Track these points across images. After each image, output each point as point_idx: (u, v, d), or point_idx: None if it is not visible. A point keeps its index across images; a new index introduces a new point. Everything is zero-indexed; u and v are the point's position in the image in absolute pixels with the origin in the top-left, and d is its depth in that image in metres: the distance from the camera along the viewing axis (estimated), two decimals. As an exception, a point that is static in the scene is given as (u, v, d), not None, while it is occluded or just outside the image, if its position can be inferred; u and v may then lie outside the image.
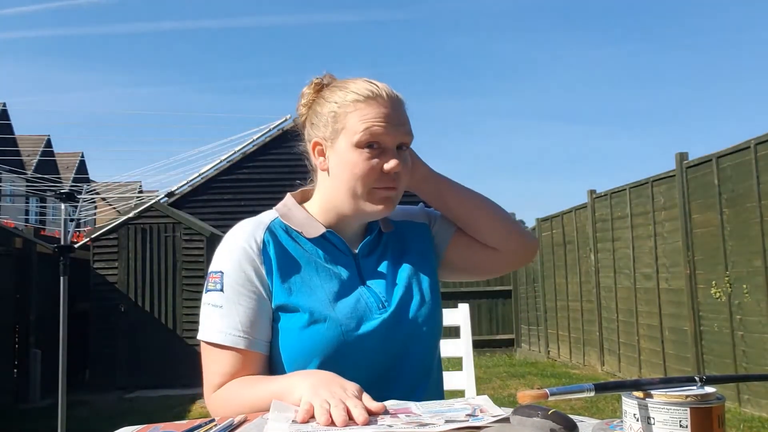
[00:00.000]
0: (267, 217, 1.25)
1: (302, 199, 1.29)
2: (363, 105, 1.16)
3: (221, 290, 1.15)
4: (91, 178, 25.43)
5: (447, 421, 0.84)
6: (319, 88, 1.25)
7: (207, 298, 1.17)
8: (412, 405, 0.96)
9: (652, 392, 0.73)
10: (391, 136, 1.16)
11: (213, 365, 1.15)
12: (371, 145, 1.15)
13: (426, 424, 0.84)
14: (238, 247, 1.18)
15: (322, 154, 1.22)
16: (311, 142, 1.24)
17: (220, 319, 1.14)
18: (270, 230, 1.21)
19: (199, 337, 1.17)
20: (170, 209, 8.56)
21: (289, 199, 1.28)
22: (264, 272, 1.16)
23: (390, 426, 0.84)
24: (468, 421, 0.84)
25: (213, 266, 1.19)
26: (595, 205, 8.48)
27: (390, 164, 1.15)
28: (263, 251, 1.17)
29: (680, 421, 0.70)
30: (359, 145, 1.15)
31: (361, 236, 1.27)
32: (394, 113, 1.17)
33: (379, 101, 1.17)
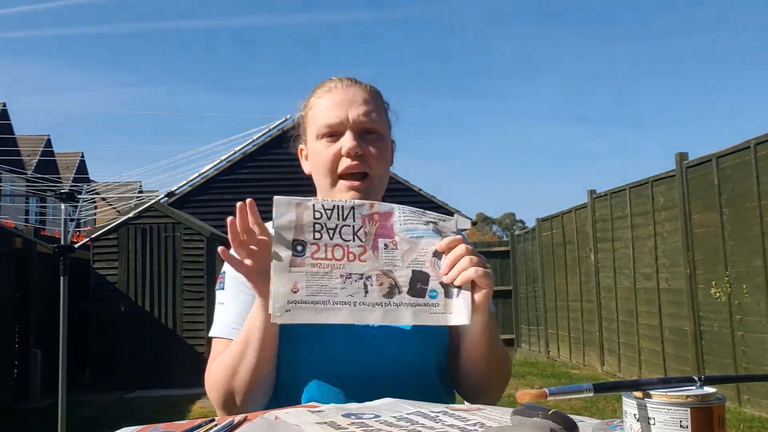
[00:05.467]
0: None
1: None
2: (320, 100, 1.22)
3: (223, 289, 1.24)
4: (91, 178, 25.44)
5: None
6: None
7: (216, 297, 1.26)
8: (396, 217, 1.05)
9: (652, 392, 0.73)
10: (344, 121, 1.18)
11: (213, 352, 1.23)
12: (328, 132, 1.19)
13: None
14: None
15: (306, 159, 1.28)
16: (298, 148, 1.31)
17: (221, 315, 1.23)
18: None
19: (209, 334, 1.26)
20: (170, 209, 8.56)
21: None
22: None
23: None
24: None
25: (224, 266, 1.27)
26: (595, 205, 8.48)
27: (345, 147, 1.16)
28: None
29: (681, 421, 0.70)
30: (318, 136, 1.20)
31: None
32: (350, 99, 1.19)
33: (334, 92, 1.21)
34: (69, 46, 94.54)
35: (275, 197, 1.02)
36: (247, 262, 1.03)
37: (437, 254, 1.04)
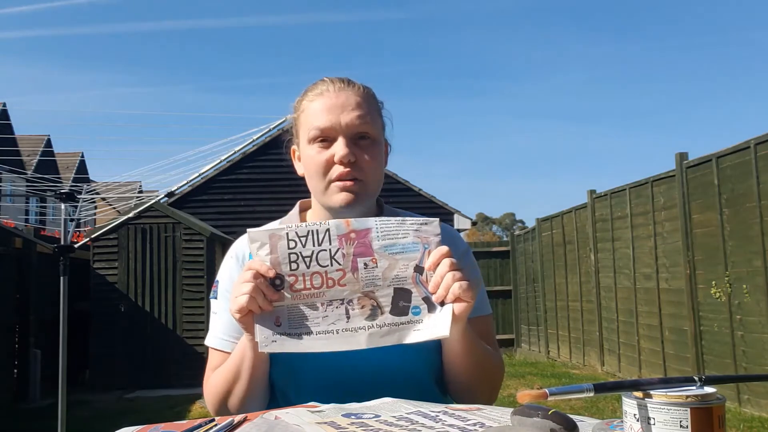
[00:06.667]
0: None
1: (309, 206, 1.31)
2: (312, 104, 1.19)
3: (216, 298, 1.27)
4: (91, 178, 25.44)
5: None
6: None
7: (211, 305, 1.29)
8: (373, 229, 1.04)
9: (652, 392, 0.73)
10: (336, 127, 1.16)
11: (210, 362, 1.26)
12: (320, 138, 1.17)
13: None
14: (230, 258, 1.27)
15: (299, 159, 1.26)
16: (291, 149, 1.30)
17: (215, 325, 1.26)
18: None
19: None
20: (170, 209, 8.56)
21: (295, 209, 1.31)
22: None
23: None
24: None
25: (217, 274, 1.30)
26: (595, 205, 8.48)
27: (337, 154, 1.15)
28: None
29: (680, 421, 0.70)
30: (310, 141, 1.18)
31: None
32: (342, 104, 1.17)
33: (326, 95, 1.18)
34: (69, 46, 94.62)
35: (249, 231, 1.04)
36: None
37: (418, 269, 1.03)
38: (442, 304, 1.02)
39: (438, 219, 1.07)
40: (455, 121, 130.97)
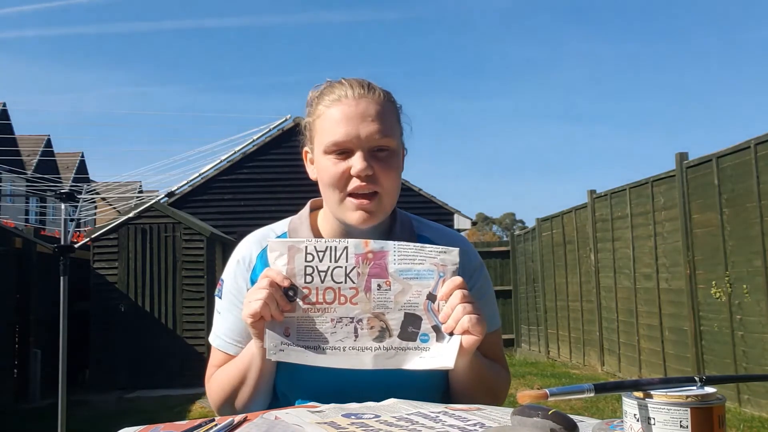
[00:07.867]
0: (277, 229, 1.27)
1: (319, 206, 1.28)
2: (329, 110, 1.14)
3: (221, 297, 1.25)
4: (91, 178, 25.43)
5: None
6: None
7: (215, 303, 1.28)
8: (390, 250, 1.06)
9: (652, 392, 0.73)
10: (354, 139, 1.11)
11: (212, 360, 1.27)
12: (336, 149, 1.13)
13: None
14: (236, 259, 1.26)
15: (312, 163, 1.23)
16: (303, 151, 1.26)
17: (218, 324, 1.25)
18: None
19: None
20: (170, 209, 8.56)
21: (305, 209, 1.28)
22: (250, 287, 1.20)
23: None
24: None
25: (223, 273, 1.28)
26: (595, 205, 8.48)
27: (355, 168, 1.11)
28: (253, 269, 1.22)
29: (681, 421, 0.70)
30: (326, 152, 1.14)
31: None
32: (361, 114, 1.12)
33: (344, 102, 1.13)
34: (69, 46, 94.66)
35: (269, 241, 1.08)
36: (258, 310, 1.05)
37: (431, 296, 1.04)
38: (452, 334, 1.02)
39: (458, 249, 1.07)
40: (455, 121, 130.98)
